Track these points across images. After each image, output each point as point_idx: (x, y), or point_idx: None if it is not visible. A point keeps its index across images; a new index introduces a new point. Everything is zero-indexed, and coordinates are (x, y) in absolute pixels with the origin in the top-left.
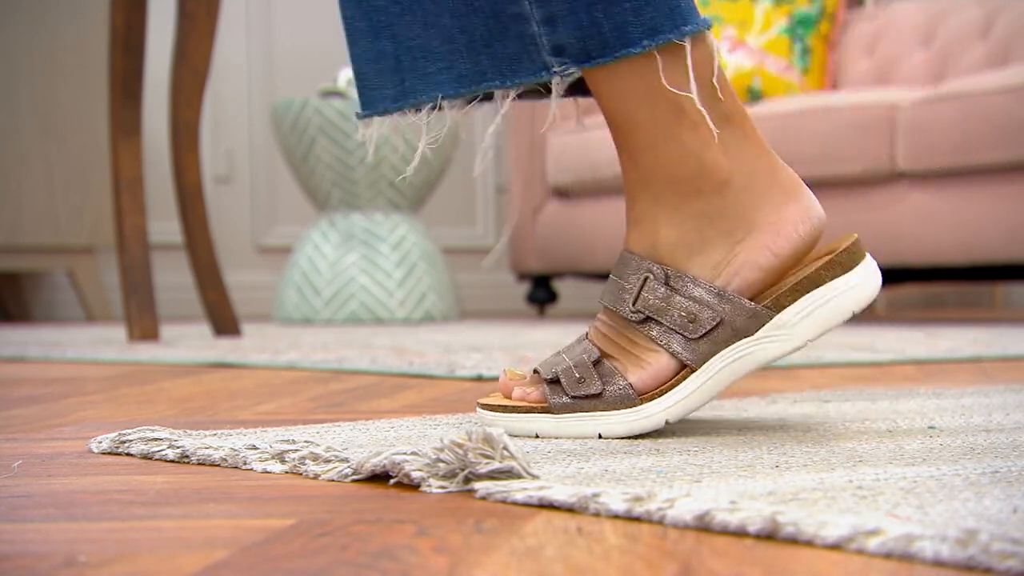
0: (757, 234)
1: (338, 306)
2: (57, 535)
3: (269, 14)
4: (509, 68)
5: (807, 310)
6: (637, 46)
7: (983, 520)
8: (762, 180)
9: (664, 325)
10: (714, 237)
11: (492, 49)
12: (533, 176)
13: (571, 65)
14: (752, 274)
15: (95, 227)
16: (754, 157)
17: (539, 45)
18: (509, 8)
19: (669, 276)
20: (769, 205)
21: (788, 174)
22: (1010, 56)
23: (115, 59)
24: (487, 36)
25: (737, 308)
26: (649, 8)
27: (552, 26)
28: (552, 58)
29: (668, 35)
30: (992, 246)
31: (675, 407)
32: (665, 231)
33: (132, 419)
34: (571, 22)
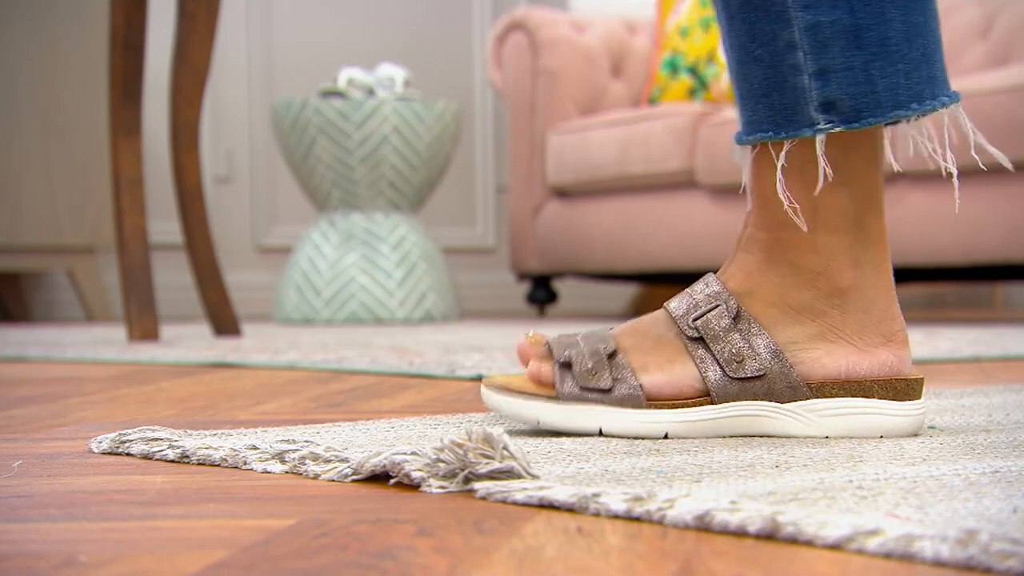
0: (846, 347)
1: (338, 306)
2: (57, 535)
3: (269, 14)
4: (784, 118)
5: (842, 411)
6: (905, 109)
7: (983, 520)
8: (875, 314)
9: (712, 352)
10: (806, 325)
11: (770, 99)
12: (533, 176)
13: (838, 124)
14: (816, 369)
15: (95, 227)
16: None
17: (808, 99)
18: (787, 58)
19: (740, 315)
20: (871, 337)
21: (901, 325)
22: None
23: (115, 59)
24: (766, 86)
25: (784, 374)
26: (916, 75)
27: (825, 80)
28: (820, 114)
29: (932, 102)
30: (992, 246)
31: (680, 425)
32: (767, 293)
33: (132, 419)
34: (846, 78)
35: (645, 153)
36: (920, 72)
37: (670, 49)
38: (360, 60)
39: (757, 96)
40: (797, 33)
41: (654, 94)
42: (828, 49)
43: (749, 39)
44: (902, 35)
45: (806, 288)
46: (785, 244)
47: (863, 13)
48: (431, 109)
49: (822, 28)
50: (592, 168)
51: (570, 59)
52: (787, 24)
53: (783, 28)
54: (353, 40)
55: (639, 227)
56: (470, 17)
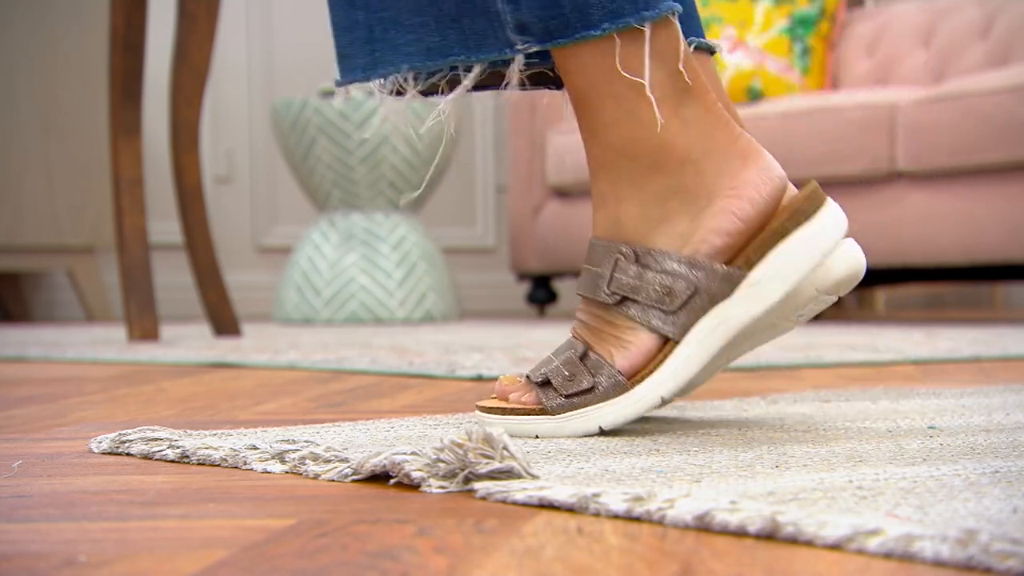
0: (719, 200)
1: (338, 306)
2: (57, 535)
3: (269, 14)
4: (475, 43)
5: (779, 264)
6: (597, 28)
7: (983, 520)
8: (720, 149)
9: (641, 303)
10: (677, 208)
11: (460, 23)
12: (533, 176)
13: (533, 43)
14: (719, 239)
15: (95, 227)
16: (712, 128)
17: (504, 22)
18: None
19: (639, 254)
20: (728, 171)
21: (746, 140)
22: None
23: (115, 59)
24: (456, 10)
25: (710, 274)
26: None
27: (515, 4)
28: (516, 36)
29: (628, 19)
30: (992, 246)
31: (667, 383)
32: (627, 208)
33: (132, 419)
34: (533, 1)
35: None
36: None
37: None
38: None
39: (447, 20)
40: None
41: None
42: None
43: None
44: None
45: (654, 173)
46: (615, 144)
47: None
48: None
49: None
50: None
51: None
52: None
53: None
54: None
55: None
56: None
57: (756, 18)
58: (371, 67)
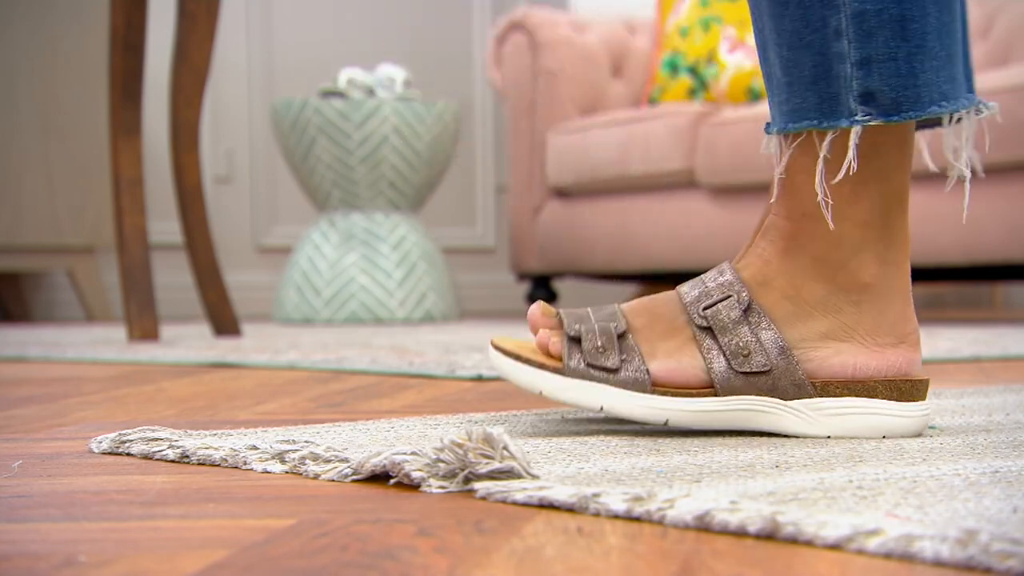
0: (856, 347)
1: (338, 306)
2: (57, 535)
3: (269, 14)
4: (830, 108)
5: (845, 411)
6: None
7: (983, 520)
8: (891, 315)
9: (718, 345)
10: (818, 321)
11: (818, 87)
12: (533, 176)
13: (876, 117)
14: (822, 368)
15: (95, 227)
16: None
17: (848, 88)
18: (834, 46)
19: (751, 307)
20: (884, 338)
21: (915, 328)
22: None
23: (115, 59)
24: (815, 74)
25: (790, 370)
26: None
27: (867, 70)
28: (858, 105)
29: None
30: (992, 246)
31: (681, 413)
32: (783, 284)
33: (132, 419)
34: (889, 69)
35: (645, 153)
36: (947, 71)
37: (670, 49)
38: (360, 60)
39: (806, 83)
40: (844, 20)
41: (654, 94)
42: (873, 38)
43: (803, 24)
44: (936, 32)
45: (824, 282)
46: (808, 235)
47: (909, 4)
48: (431, 109)
49: (868, 16)
50: (592, 168)
51: (570, 59)
52: (836, 10)
53: (832, 14)
54: (353, 40)
55: (639, 227)
56: (470, 17)
57: None
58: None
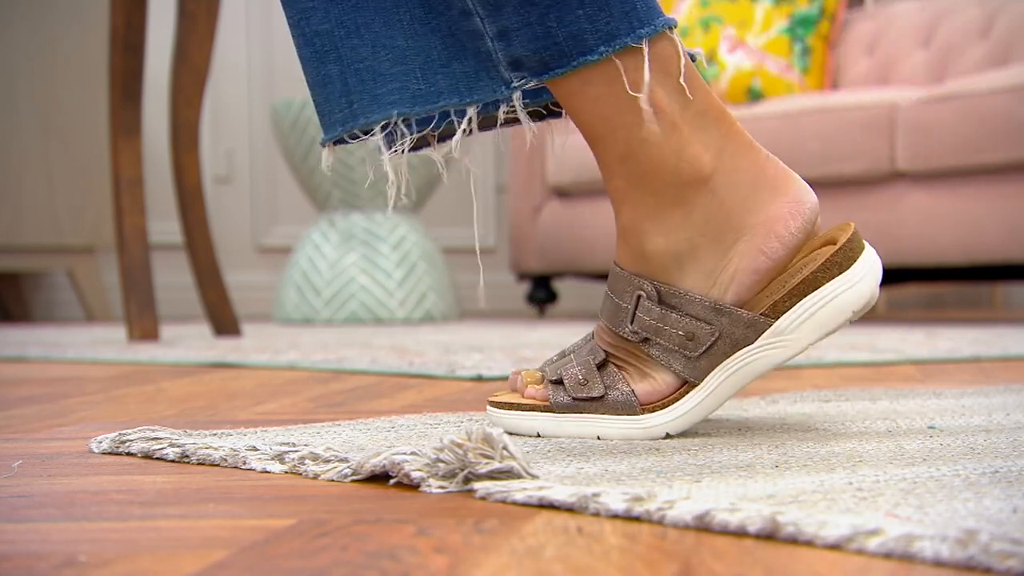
0: (748, 237)
1: (338, 306)
2: (57, 535)
3: (269, 14)
4: (467, 86)
5: (806, 314)
6: (594, 53)
7: (983, 520)
8: (747, 177)
9: (663, 345)
10: (704, 244)
11: (450, 68)
12: (533, 176)
13: (530, 78)
14: (748, 279)
15: (95, 227)
16: (736, 154)
17: (496, 61)
18: (464, 25)
19: (662, 294)
20: (757, 204)
21: (774, 165)
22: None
23: (115, 59)
24: (445, 56)
25: (735, 320)
26: (603, 14)
27: (506, 40)
28: (510, 73)
29: (625, 39)
30: (992, 246)
31: (677, 421)
32: (652, 241)
33: (132, 419)
34: (525, 34)
35: None
36: (610, 11)
37: None
38: None
39: (435, 67)
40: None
41: None
42: (502, 10)
43: (424, 11)
44: None
45: (677, 203)
46: (635, 175)
47: None
48: None
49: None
50: (592, 168)
51: None
52: None
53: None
54: None
55: None
56: None
57: (756, 18)
58: (350, 119)
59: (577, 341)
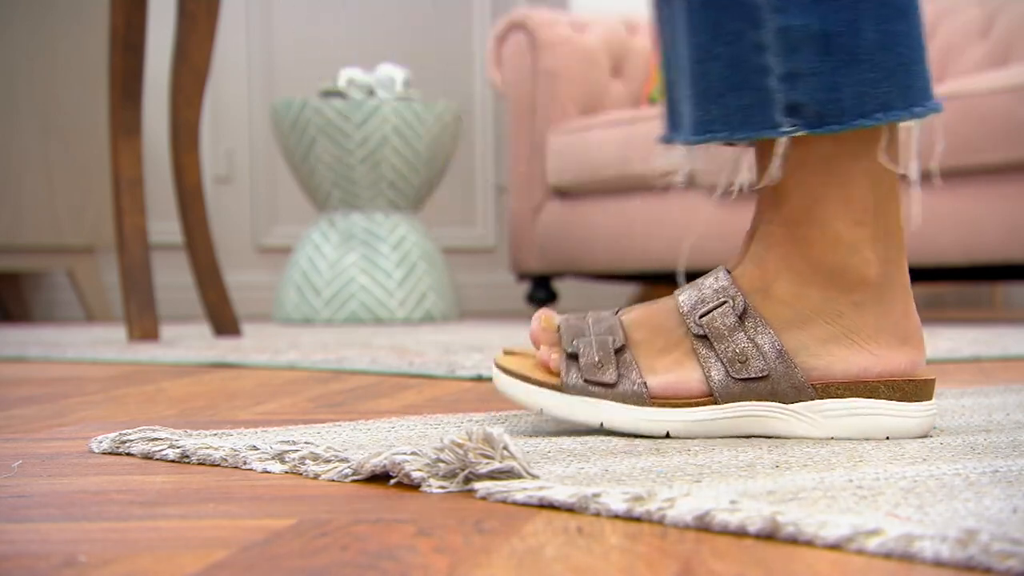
0: (857, 353)
1: (338, 306)
2: (57, 535)
3: (269, 14)
4: (739, 120)
5: (847, 412)
6: (870, 118)
7: (983, 520)
8: (893, 315)
9: (716, 351)
10: (819, 325)
11: (724, 99)
12: (533, 176)
13: (802, 127)
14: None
15: (95, 227)
16: (897, 288)
17: (774, 101)
18: (752, 59)
19: (746, 312)
20: (887, 339)
21: (917, 327)
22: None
23: (115, 59)
24: (722, 86)
25: (789, 374)
26: (888, 84)
27: (792, 83)
28: (784, 117)
29: (900, 112)
30: (992, 246)
31: (682, 424)
32: (782, 292)
33: (132, 419)
34: (813, 83)
35: (645, 153)
36: (893, 81)
37: None
38: (360, 60)
39: (712, 96)
40: (767, 35)
41: (654, 94)
42: (797, 54)
43: (710, 37)
44: (875, 44)
45: (824, 287)
46: (804, 240)
47: (833, 20)
48: (431, 109)
49: (793, 32)
50: (592, 168)
51: (570, 59)
52: (757, 25)
53: (752, 29)
54: (353, 40)
55: (639, 227)
56: (470, 17)
57: None
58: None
59: (599, 312)
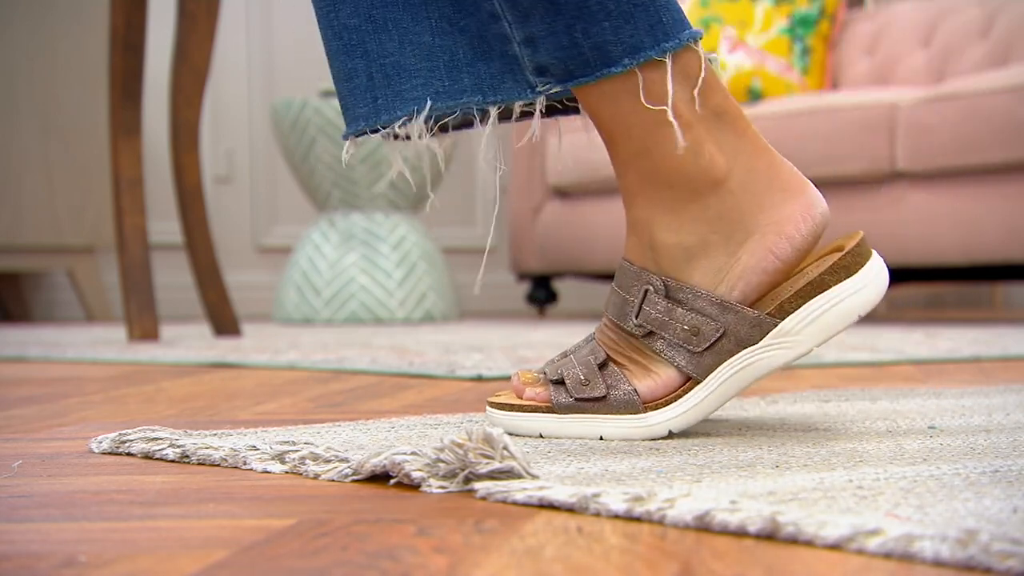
0: (758, 236)
1: (338, 306)
2: (57, 535)
3: (269, 14)
4: (491, 86)
5: (812, 316)
6: (618, 65)
7: (983, 520)
8: (761, 179)
9: (667, 339)
10: (714, 241)
11: (475, 68)
12: (533, 176)
13: (554, 84)
14: (755, 278)
15: (95, 227)
16: (751, 155)
17: (522, 65)
18: (492, 28)
19: (669, 288)
20: (769, 205)
21: (788, 169)
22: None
23: (115, 59)
24: (471, 55)
25: (740, 318)
26: (628, 26)
27: (533, 47)
28: (535, 77)
29: (649, 52)
30: (992, 246)
31: (680, 418)
32: (662, 235)
33: (132, 419)
34: (551, 43)
35: None
36: (634, 24)
37: None
38: None
39: (461, 66)
40: (499, 5)
41: None
42: (529, 19)
43: (454, 10)
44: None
45: (691, 202)
46: (650, 172)
47: None
48: None
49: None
50: (592, 168)
51: None
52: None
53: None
54: None
55: None
56: None
57: (756, 18)
58: (373, 115)
59: (578, 342)
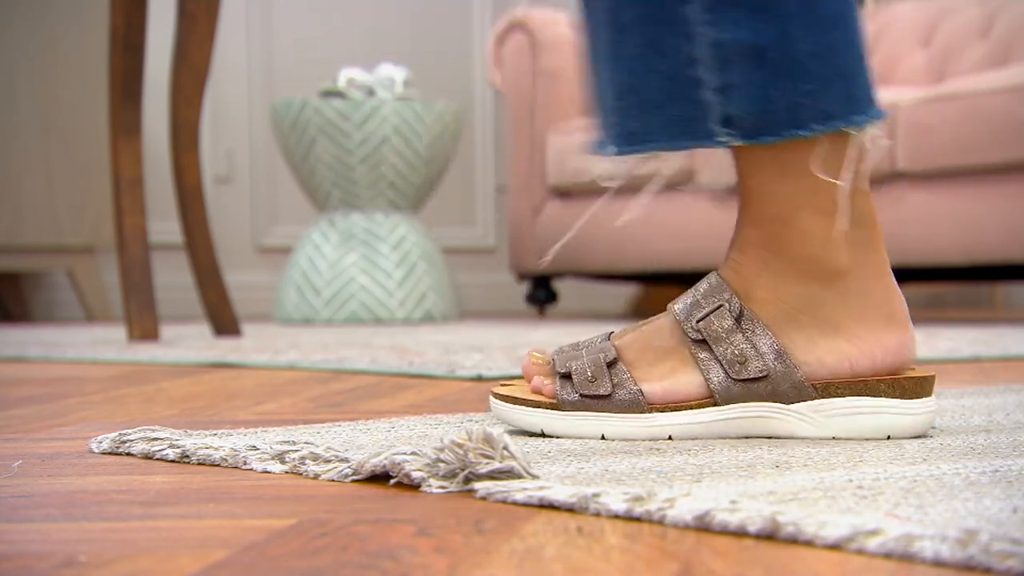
0: (845, 342)
1: (338, 306)
2: (57, 535)
3: (269, 14)
4: (679, 131)
5: (849, 411)
6: (806, 129)
7: (983, 520)
8: (874, 296)
9: (714, 353)
10: (804, 321)
11: (664, 111)
12: (533, 176)
13: (738, 138)
14: (819, 370)
15: (95, 227)
16: (874, 267)
17: (709, 113)
18: (686, 71)
19: (744, 315)
20: (871, 322)
21: (900, 302)
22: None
23: (115, 59)
24: (661, 98)
25: (788, 374)
26: (825, 93)
27: (726, 96)
28: (719, 127)
29: (838, 122)
30: (992, 246)
31: (684, 427)
32: (762, 293)
33: (132, 419)
34: (745, 95)
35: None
36: (830, 91)
37: None
38: (360, 60)
39: (650, 107)
40: (700, 49)
41: None
42: (730, 67)
43: (646, 51)
44: (809, 55)
45: (801, 281)
46: (775, 238)
47: (764, 33)
48: (431, 109)
49: (725, 46)
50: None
51: (570, 59)
52: (690, 40)
53: (686, 43)
54: (353, 40)
55: (639, 227)
56: (470, 17)
57: None
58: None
59: (592, 337)
